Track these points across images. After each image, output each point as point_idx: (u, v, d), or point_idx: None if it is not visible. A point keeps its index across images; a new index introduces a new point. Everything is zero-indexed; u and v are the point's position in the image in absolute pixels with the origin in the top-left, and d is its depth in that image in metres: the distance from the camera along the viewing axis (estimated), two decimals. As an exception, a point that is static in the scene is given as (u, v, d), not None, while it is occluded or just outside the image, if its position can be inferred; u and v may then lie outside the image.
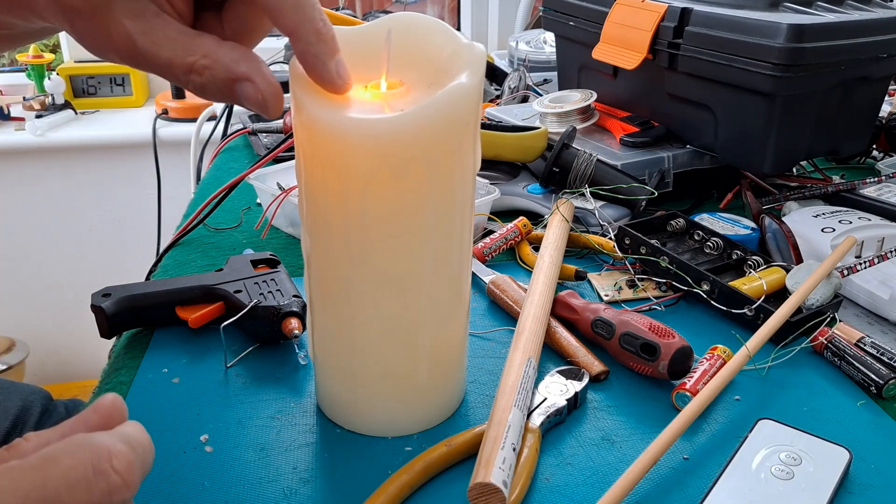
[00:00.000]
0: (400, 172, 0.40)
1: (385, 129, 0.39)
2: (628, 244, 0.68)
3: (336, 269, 0.44)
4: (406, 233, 0.42)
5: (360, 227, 0.41)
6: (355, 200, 0.41)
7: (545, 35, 1.31)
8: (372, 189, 0.40)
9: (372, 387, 0.46)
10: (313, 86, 0.40)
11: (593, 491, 0.43)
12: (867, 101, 0.84)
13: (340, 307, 0.45)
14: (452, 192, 0.42)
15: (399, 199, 0.41)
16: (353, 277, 0.43)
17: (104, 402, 0.33)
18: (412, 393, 0.47)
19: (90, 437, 0.30)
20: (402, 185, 0.40)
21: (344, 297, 0.44)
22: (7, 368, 1.81)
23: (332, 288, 0.45)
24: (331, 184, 0.41)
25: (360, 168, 0.40)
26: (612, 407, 0.51)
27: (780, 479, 0.43)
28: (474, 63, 0.41)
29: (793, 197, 0.82)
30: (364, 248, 0.42)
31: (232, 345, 0.56)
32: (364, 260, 0.42)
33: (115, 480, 0.29)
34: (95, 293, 0.57)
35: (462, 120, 0.41)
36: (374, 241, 0.42)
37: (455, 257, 0.45)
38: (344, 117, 0.39)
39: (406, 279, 0.43)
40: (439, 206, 0.42)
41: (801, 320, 0.58)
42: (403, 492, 0.42)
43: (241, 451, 0.46)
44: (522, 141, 0.82)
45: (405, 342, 0.45)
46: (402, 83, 0.42)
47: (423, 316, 0.45)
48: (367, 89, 0.42)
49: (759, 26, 0.72)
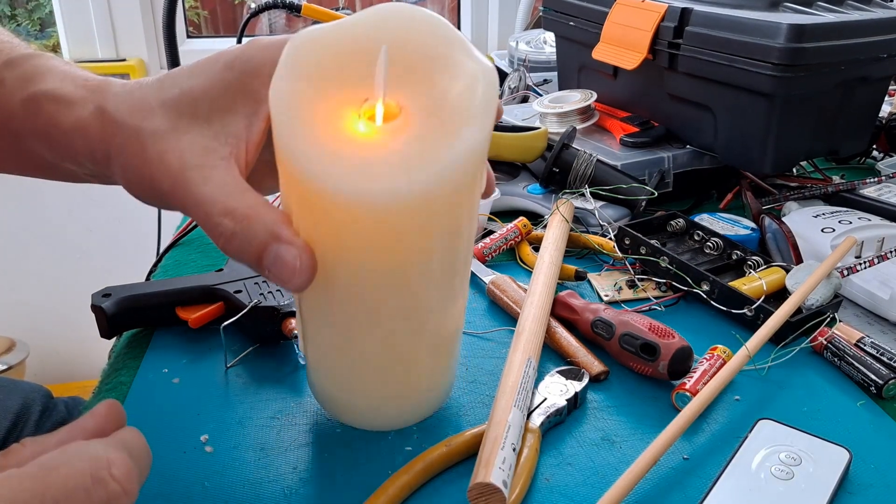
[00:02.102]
0: (404, 235, 0.36)
1: (391, 200, 0.34)
2: (628, 244, 0.68)
3: (331, 305, 0.41)
4: (408, 279, 0.39)
5: (357, 277, 0.38)
6: (352, 258, 0.37)
7: (545, 35, 1.31)
8: (371, 249, 0.37)
9: (368, 394, 0.46)
10: (305, 128, 0.34)
11: (593, 491, 0.43)
12: (867, 102, 0.84)
13: (335, 335, 0.43)
14: (459, 233, 0.39)
15: (402, 255, 0.38)
16: (350, 314, 0.40)
17: (101, 408, 0.33)
18: (409, 394, 0.47)
19: (88, 444, 0.30)
20: (404, 245, 0.37)
21: (339, 328, 0.42)
22: (7, 368, 1.81)
23: (326, 318, 0.42)
24: (323, 237, 0.37)
25: (360, 234, 0.36)
26: (612, 407, 0.51)
27: (780, 479, 0.43)
28: (487, 97, 0.35)
29: (793, 197, 0.82)
30: (362, 292, 0.39)
31: (232, 345, 0.56)
32: (361, 301, 0.39)
33: (115, 489, 0.28)
34: (95, 293, 0.57)
35: (474, 171, 0.37)
36: (373, 288, 0.39)
37: (459, 282, 0.43)
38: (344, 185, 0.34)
39: (406, 313, 0.41)
40: (444, 250, 0.39)
41: (800, 320, 0.58)
42: (403, 492, 0.42)
43: (241, 451, 0.46)
44: (522, 141, 0.82)
45: (404, 358, 0.44)
46: (401, 108, 0.36)
47: (423, 335, 0.43)
48: (361, 117, 0.36)
49: (759, 26, 0.72)
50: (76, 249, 1.87)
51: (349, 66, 0.36)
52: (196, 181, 0.36)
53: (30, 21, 2.02)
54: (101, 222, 1.84)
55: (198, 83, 0.38)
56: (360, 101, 0.36)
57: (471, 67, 0.36)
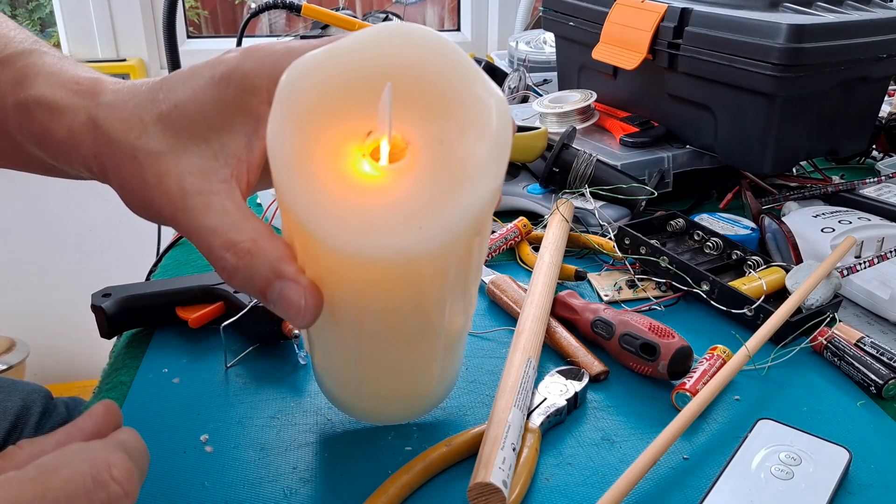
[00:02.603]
0: (413, 286, 0.34)
1: (400, 256, 0.31)
2: (628, 244, 0.68)
3: (338, 336, 0.39)
4: (417, 317, 0.37)
5: (364, 317, 0.36)
6: (359, 302, 0.35)
7: (545, 35, 1.31)
8: (379, 297, 0.35)
9: (375, 397, 0.46)
10: (304, 178, 0.32)
11: (593, 491, 0.43)
12: (867, 101, 0.84)
13: (341, 356, 0.42)
14: (471, 268, 0.37)
15: (411, 301, 0.36)
16: (357, 344, 0.39)
17: (98, 408, 0.33)
18: (416, 396, 0.47)
19: (87, 446, 0.30)
20: (413, 293, 0.35)
21: (345, 352, 0.41)
22: (7, 368, 1.81)
23: (332, 344, 0.41)
24: (328, 280, 0.35)
25: (367, 284, 0.34)
26: (612, 407, 0.51)
27: (780, 479, 0.43)
28: (500, 134, 0.32)
29: (793, 197, 0.82)
30: (370, 329, 0.37)
31: (232, 345, 0.56)
32: (369, 335, 0.38)
33: (115, 490, 0.28)
34: (95, 293, 0.57)
35: (490, 209, 0.34)
36: (381, 326, 0.37)
37: (469, 302, 0.41)
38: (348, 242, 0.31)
39: (415, 341, 0.40)
40: (456, 290, 0.37)
41: (800, 320, 0.58)
42: (403, 492, 0.42)
43: (241, 451, 0.46)
44: (522, 141, 0.82)
45: (412, 370, 0.43)
46: (406, 144, 0.33)
47: (432, 354, 0.42)
48: (365, 155, 0.33)
49: (759, 26, 0.72)
50: (76, 249, 1.87)
51: (350, 97, 0.33)
52: (197, 209, 0.35)
53: (30, 21, 2.02)
54: (101, 222, 1.84)
55: (193, 98, 0.36)
56: (362, 135, 0.33)
57: (483, 97, 0.33)
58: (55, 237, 1.85)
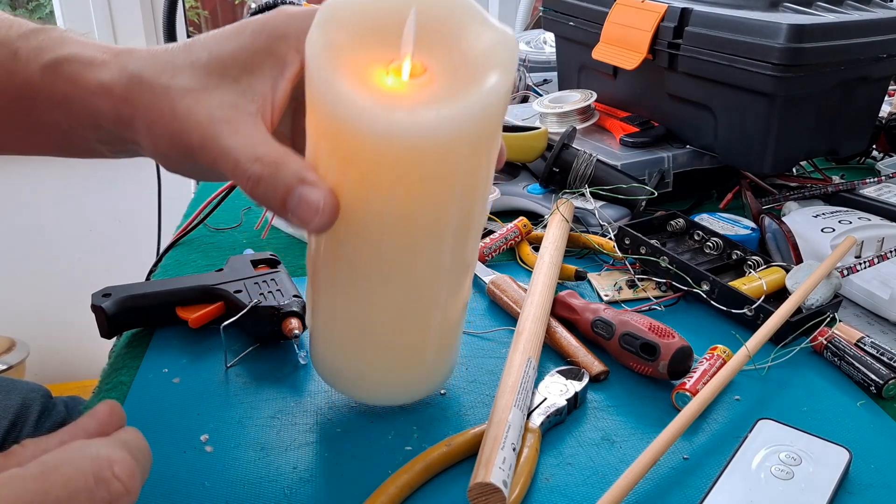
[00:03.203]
0: (427, 174, 0.38)
1: (418, 133, 0.36)
2: (628, 244, 0.68)
3: (348, 257, 0.42)
4: (427, 228, 0.40)
5: (377, 224, 0.39)
6: (375, 203, 0.39)
7: (545, 35, 1.31)
8: (395, 190, 0.38)
9: (375, 360, 0.45)
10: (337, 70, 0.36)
11: (593, 491, 0.43)
12: (867, 101, 0.84)
13: (348, 292, 0.43)
14: (476, 188, 0.41)
15: (424, 198, 0.39)
16: (367, 267, 0.41)
17: (102, 408, 0.33)
18: (416, 364, 0.46)
19: (90, 444, 0.30)
20: (427, 187, 0.38)
21: (353, 283, 0.42)
22: (7, 368, 1.82)
23: (341, 274, 0.43)
24: (348, 175, 0.38)
25: (385, 167, 0.37)
26: (612, 407, 0.51)
27: (780, 479, 0.43)
28: (507, 60, 0.37)
29: (793, 197, 0.82)
30: (380, 241, 0.40)
31: (232, 345, 0.56)
32: (379, 252, 0.41)
33: (117, 488, 0.28)
34: (95, 293, 0.57)
35: (494, 121, 0.39)
36: (393, 237, 0.40)
37: (472, 243, 0.44)
38: (376, 113, 0.36)
39: (422, 269, 0.42)
40: (462, 201, 0.40)
41: (800, 320, 0.58)
42: (403, 492, 0.42)
43: (241, 451, 0.46)
44: (522, 141, 0.82)
45: (416, 321, 0.44)
46: (425, 68, 0.38)
47: (436, 299, 0.43)
48: (389, 73, 0.38)
49: (759, 26, 0.72)
50: (76, 249, 1.87)
51: (377, 29, 0.38)
52: (225, 132, 0.37)
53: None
54: (101, 222, 1.84)
55: (227, 47, 0.39)
56: (386, 62, 0.38)
57: (491, 33, 0.38)
58: (55, 237, 1.85)
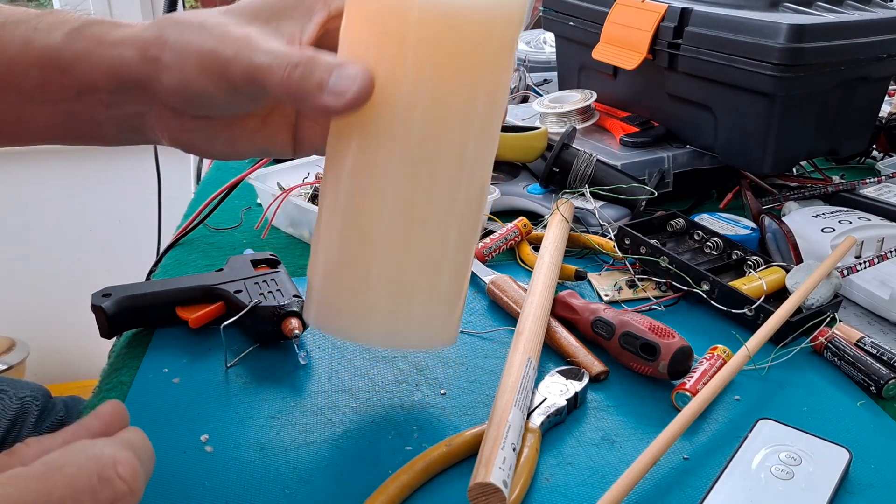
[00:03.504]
0: (461, 50, 0.40)
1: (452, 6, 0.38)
2: (628, 244, 0.68)
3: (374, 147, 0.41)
4: (455, 110, 0.41)
5: (407, 105, 0.40)
6: (408, 77, 0.40)
7: (545, 35, 1.31)
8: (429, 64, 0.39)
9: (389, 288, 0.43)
10: None
11: (593, 491, 0.43)
12: (867, 101, 0.84)
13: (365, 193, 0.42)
14: (499, 79, 0.42)
15: (454, 78, 0.40)
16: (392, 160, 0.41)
17: (105, 408, 0.33)
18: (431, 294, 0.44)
19: (93, 444, 0.30)
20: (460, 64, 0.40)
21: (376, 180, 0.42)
22: (7, 368, 1.82)
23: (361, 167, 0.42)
24: (383, 50, 0.40)
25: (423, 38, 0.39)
26: (612, 407, 0.51)
27: (780, 479, 0.43)
28: None
29: (793, 197, 0.82)
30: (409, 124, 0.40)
31: (232, 345, 0.56)
32: (406, 139, 0.41)
33: (121, 488, 0.28)
34: (95, 293, 0.57)
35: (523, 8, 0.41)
36: (422, 119, 0.40)
37: (488, 158, 0.45)
38: None
39: (445, 160, 0.42)
40: (487, 90, 0.42)
41: (800, 320, 0.58)
42: (403, 492, 0.42)
43: (241, 451, 0.46)
44: (522, 141, 0.82)
45: (431, 236, 0.43)
46: None
47: (453, 210, 0.43)
48: None
49: (759, 26, 0.72)
50: (76, 249, 1.87)
51: None
52: (260, 42, 0.39)
53: (30, 21, 2.02)
54: (101, 222, 1.84)
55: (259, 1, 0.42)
56: None
57: None
58: (55, 237, 1.85)
